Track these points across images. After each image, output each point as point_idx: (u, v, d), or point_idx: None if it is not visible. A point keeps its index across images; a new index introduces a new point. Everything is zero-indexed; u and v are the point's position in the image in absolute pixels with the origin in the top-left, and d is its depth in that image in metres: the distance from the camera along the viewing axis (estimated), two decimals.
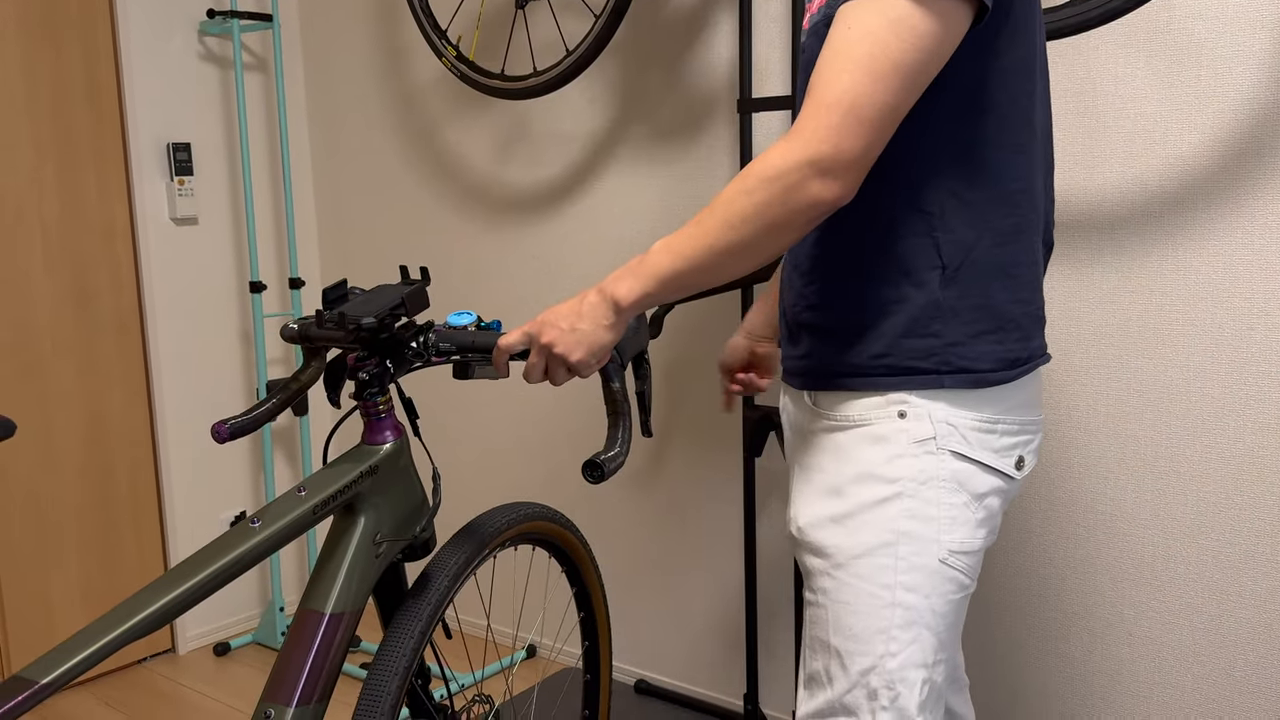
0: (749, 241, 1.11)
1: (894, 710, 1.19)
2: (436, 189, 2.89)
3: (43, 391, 2.69)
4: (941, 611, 1.20)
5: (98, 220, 2.77)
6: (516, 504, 1.66)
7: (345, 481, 1.36)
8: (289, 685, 1.29)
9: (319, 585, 1.35)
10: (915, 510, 1.18)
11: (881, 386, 1.20)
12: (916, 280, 1.18)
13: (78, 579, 2.78)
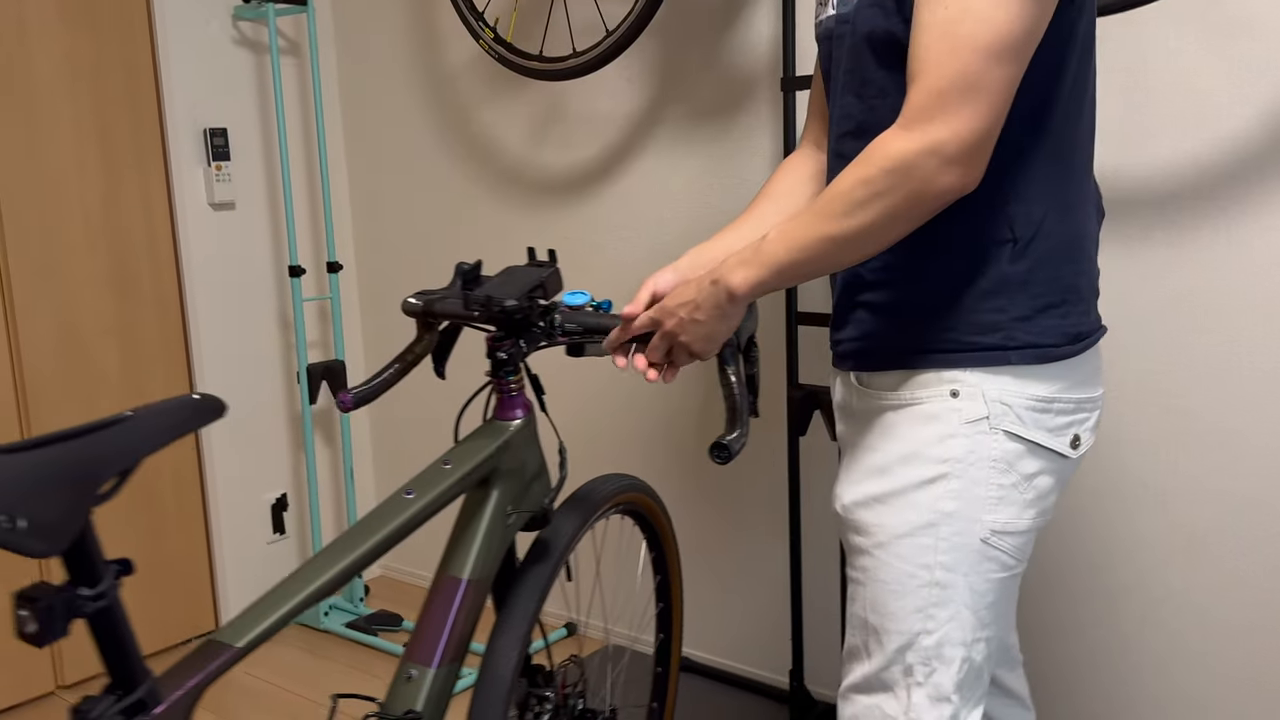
0: (867, 231, 1.10)
1: (929, 687, 1.20)
2: (471, 172, 2.90)
3: (87, 373, 2.71)
4: (981, 591, 1.19)
5: (137, 205, 2.78)
6: (618, 474, 1.73)
7: (484, 455, 1.42)
8: (429, 646, 1.35)
9: (457, 553, 1.41)
10: (960, 491, 1.17)
11: (944, 363, 1.18)
12: (986, 254, 1.17)
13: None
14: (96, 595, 0.95)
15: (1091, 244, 1.22)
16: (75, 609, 0.95)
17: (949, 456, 1.18)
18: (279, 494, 3.12)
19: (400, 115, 3.03)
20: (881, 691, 1.23)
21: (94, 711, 0.99)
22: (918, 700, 1.20)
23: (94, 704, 1.00)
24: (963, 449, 1.17)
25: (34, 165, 2.58)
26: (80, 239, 2.68)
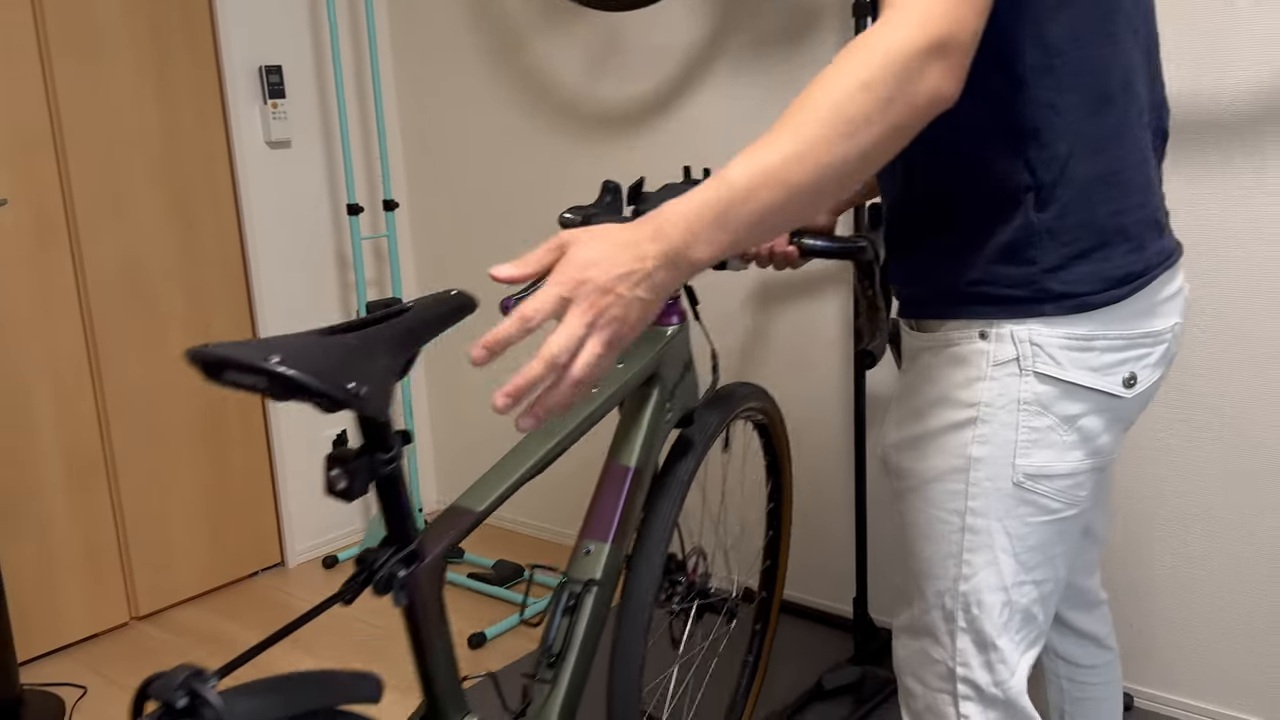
0: (868, 151, 0.91)
1: (972, 632, 1.18)
2: (525, 107, 2.89)
3: (153, 311, 2.75)
4: (1020, 534, 1.15)
5: (196, 144, 2.80)
6: (752, 383, 1.82)
7: (650, 356, 1.55)
8: (603, 525, 1.49)
9: (624, 444, 1.54)
10: (989, 435, 1.13)
11: (974, 315, 1.13)
12: (1010, 202, 1.09)
13: (191, 492, 2.87)
14: (389, 460, 1.09)
15: (1139, 176, 1.11)
16: (374, 470, 1.09)
17: (976, 400, 1.13)
18: (339, 431, 3.16)
19: (452, 51, 3.02)
20: (926, 636, 1.22)
21: (379, 560, 1.14)
22: (963, 646, 1.19)
23: (378, 554, 1.14)
24: (991, 393, 1.12)
25: (96, 103, 2.60)
26: (141, 177, 2.70)
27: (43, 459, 2.59)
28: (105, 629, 2.75)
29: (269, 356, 0.94)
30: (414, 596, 1.17)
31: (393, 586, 1.14)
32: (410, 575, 1.16)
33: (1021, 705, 1.18)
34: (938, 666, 1.21)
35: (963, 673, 1.19)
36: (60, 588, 2.65)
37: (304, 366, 0.95)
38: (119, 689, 2.48)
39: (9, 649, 2.30)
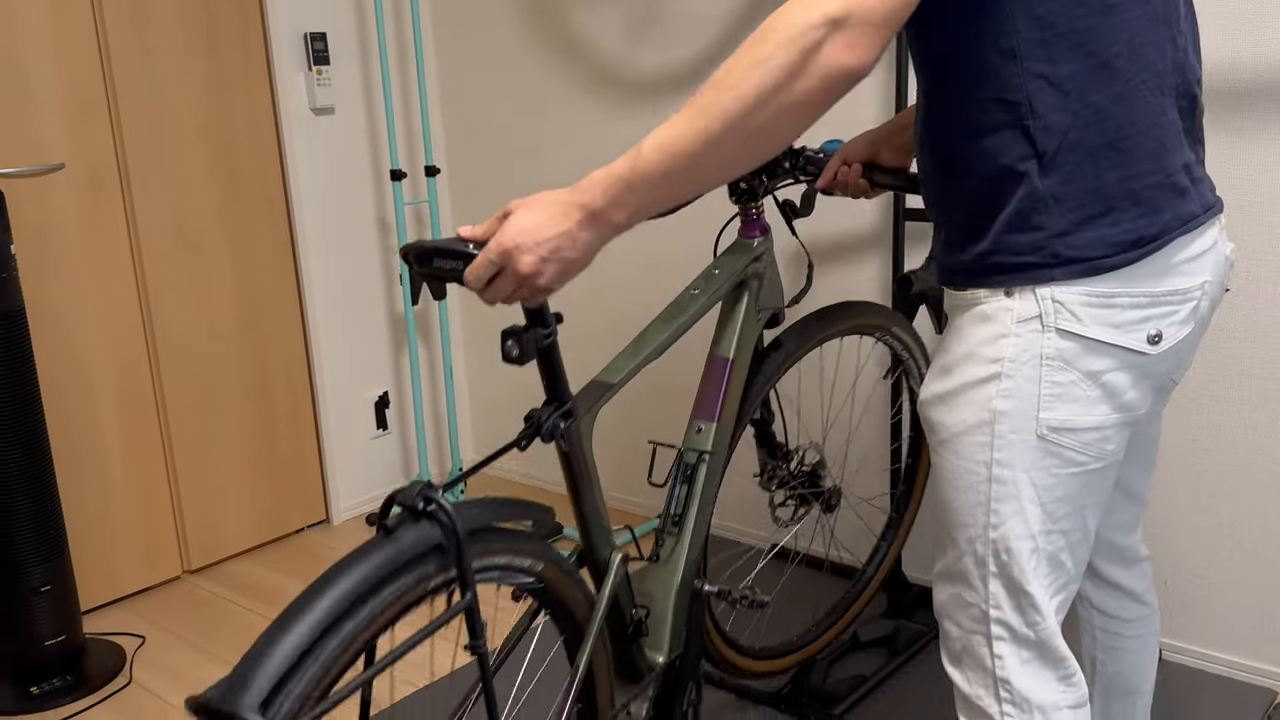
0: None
1: (1003, 578, 1.23)
2: (564, 75, 2.94)
3: (203, 271, 2.82)
4: (1046, 486, 1.20)
5: (243, 110, 2.85)
6: (871, 302, 2.02)
7: (741, 264, 1.80)
8: (709, 407, 1.77)
9: (721, 339, 1.81)
10: (1013, 390, 1.17)
11: (991, 284, 1.18)
12: (1013, 173, 1.14)
13: (239, 450, 2.95)
14: (547, 335, 1.36)
15: (1149, 142, 1.13)
16: (538, 342, 1.35)
17: (1001, 356, 1.17)
18: (381, 392, 3.23)
19: (493, 19, 3.06)
20: (960, 581, 1.27)
21: (543, 415, 1.40)
22: (994, 590, 1.24)
23: (541, 411, 1.41)
24: (1015, 348, 1.17)
25: (147, 67, 2.66)
26: (190, 140, 2.76)
27: (100, 414, 2.67)
28: (159, 582, 2.84)
29: (468, 245, 1.19)
30: (571, 444, 1.44)
31: (555, 435, 1.41)
32: (568, 428, 1.42)
33: (1054, 646, 1.24)
34: (972, 610, 1.26)
35: (996, 615, 1.24)
36: (117, 541, 2.74)
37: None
38: (175, 638, 2.57)
39: (74, 599, 2.39)
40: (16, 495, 2.25)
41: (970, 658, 1.28)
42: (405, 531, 1.16)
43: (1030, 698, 1.24)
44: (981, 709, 1.27)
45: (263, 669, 1.03)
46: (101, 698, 2.34)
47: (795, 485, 2.05)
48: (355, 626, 1.09)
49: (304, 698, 1.04)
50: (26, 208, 2.50)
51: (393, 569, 1.14)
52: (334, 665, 1.07)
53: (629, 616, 1.59)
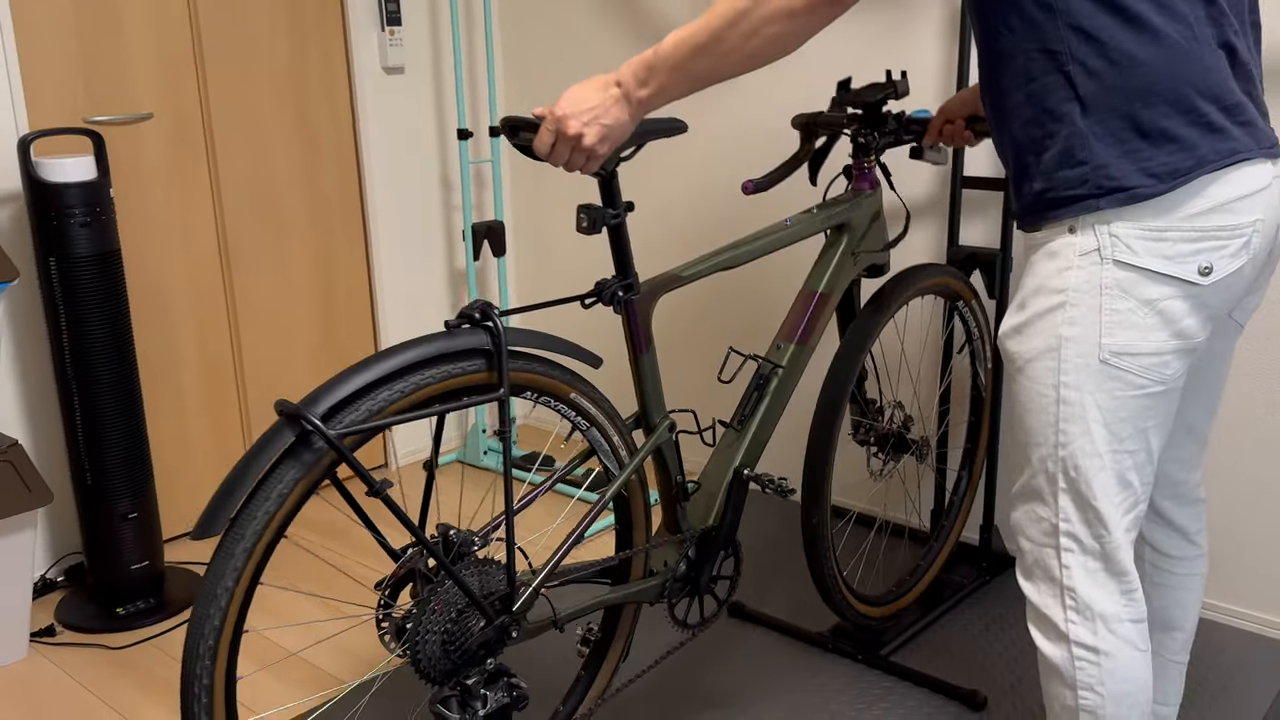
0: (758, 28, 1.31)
1: (1072, 493, 1.35)
2: (628, 42, 3.02)
3: (279, 223, 2.94)
4: (1110, 407, 1.32)
5: (319, 67, 2.96)
6: (941, 264, 2.20)
7: (841, 208, 2.00)
8: (792, 330, 1.97)
9: (816, 274, 2.01)
10: (1076, 317, 1.31)
11: (1051, 219, 1.33)
12: (1058, 115, 1.29)
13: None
14: (615, 215, 1.61)
15: (1182, 84, 1.25)
16: (606, 220, 1.59)
17: (1065, 286, 1.31)
18: None
19: None
20: (1034, 498, 1.40)
21: (608, 287, 1.64)
22: (1064, 504, 1.36)
23: (609, 282, 1.64)
24: (1078, 279, 1.30)
25: (233, 28, 2.77)
26: (270, 97, 2.87)
27: (181, 357, 2.80)
28: None
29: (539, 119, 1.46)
30: (630, 312, 1.67)
31: (615, 302, 1.64)
32: (629, 299, 1.66)
33: (1119, 560, 1.36)
34: (1043, 524, 1.39)
35: (1065, 528, 1.37)
36: (193, 478, 2.88)
37: None
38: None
39: (157, 528, 2.53)
40: (110, 427, 2.39)
41: (1040, 569, 1.40)
42: (462, 333, 1.46)
43: (1093, 606, 1.36)
44: (1048, 617, 1.39)
45: (330, 394, 1.34)
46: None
47: (888, 439, 2.22)
48: (406, 386, 1.40)
49: (354, 423, 1.36)
50: (119, 156, 2.62)
51: (445, 353, 1.43)
52: (386, 407, 1.38)
53: (675, 480, 1.81)
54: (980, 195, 2.44)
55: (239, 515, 1.31)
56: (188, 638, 1.31)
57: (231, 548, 1.30)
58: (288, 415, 1.32)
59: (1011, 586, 2.45)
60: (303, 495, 1.34)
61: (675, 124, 1.66)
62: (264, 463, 1.31)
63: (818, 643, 2.25)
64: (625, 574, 1.79)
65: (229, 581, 1.30)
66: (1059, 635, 1.39)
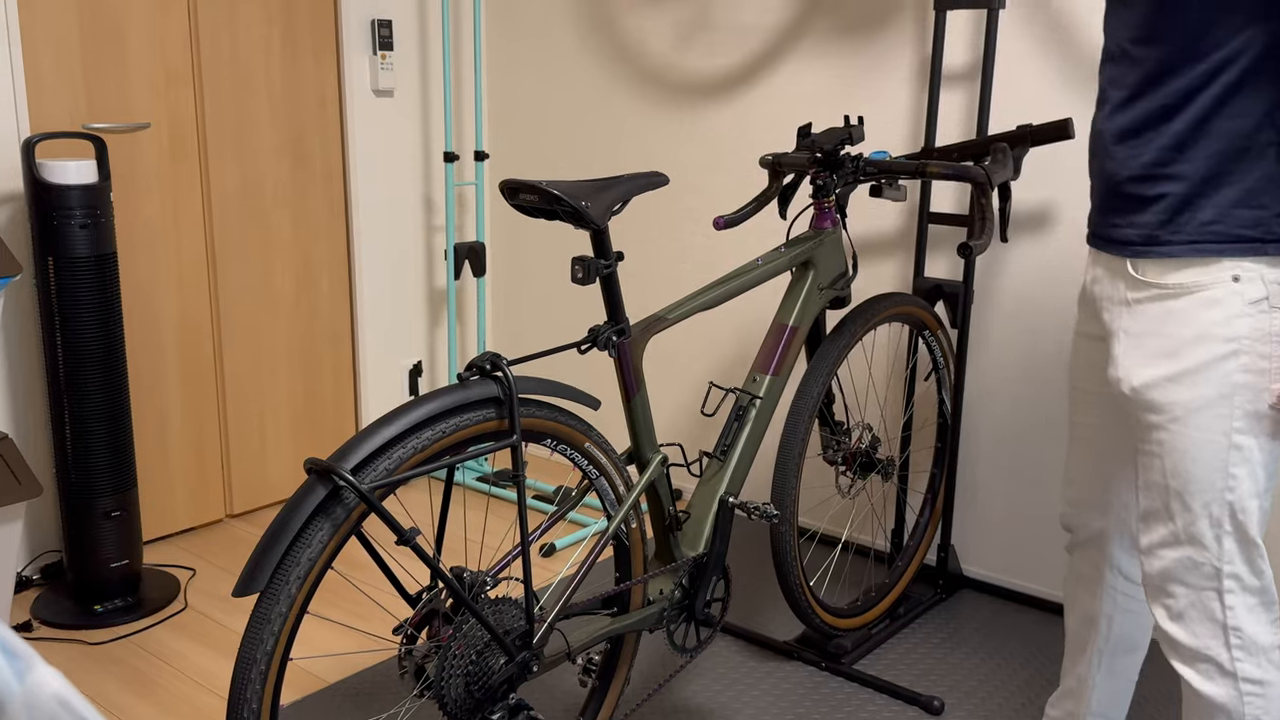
0: None
1: (1237, 534, 1.40)
2: (612, 72, 3.15)
3: (265, 237, 3.01)
4: (1270, 449, 1.38)
5: (313, 87, 3.06)
6: (905, 293, 2.31)
7: (807, 246, 2.14)
8: (767, 362, 2.09)
9: (786, 308, 2.14)
10: (1250, 365, 1.35)
11: (1208, 254, 1.35)
12: (1255, 154, 1.32)
13: (285, 406, 3.14)
14: (608, 265, 1.71)
15: None
16: (599, 270, 1.70)
17: (1237, 335, 1.34)
18: (416, 360, 3.43)
19: (545, 16, 3.27)
20: (1190, 545, 1.42)
21: (602, 332, 1.74)
22: (1228, 546, 1.40)
23: (599, 329, 1.74)
24: (1249, 327, 1.34)
25: (231, 45, 2.86)
26: (264, 114, 2.96)
27: (165, 361, 2.86)
28: (204, 523, 3.02)
29: (543, 182, 1.62)
30: (622, 356, 1.77)
31: (608, 346, 1.74)
32: (621, 342, 1.76)
33: (1273, 592, 1.44)
34: (1203, 568, 1.42)
35: (1229, 570, 1.41)
36: (171, 481, 2.92)
37: (560, 189, 1.64)
38: (224, 572, 2.75)
39: (138, 528, 2.57)
40: (97, 426, 2.44)
41: (1197, 612, 1.44)
42: (475, 384, 1.55)
43: (1257, 640, 1.43)
44: (1211, 657, 1.44)
45: (359, 448, 1.42)
46: (160, 619, 2.52)
47: (856, 458, 2.33)
48: (430, 436, 1.49)
49: (386, 473, 1.44)
50: (115, 163, 2.68)
51: (461, 405, 1.53)
52: (411, 457, 1.47)
53: (667, 511, 1.88)
54: (944, 230, 2.58)
55: (275, 577, 1.37)
56: (229, 707, 1.38)
57: (268, 611, 1.37)
58: (319, 472, 1.39)
59: (966, 603, 2.57)
60: (334, 552, 1.41)
61: (658, 178, 1.78)
62: (300, 519, 1.38)
63: (783, 651, 2.35)
64: (626, 604, 1.87)
65: (268, 645, 1.37)
66: (1224, 674, 1.43)
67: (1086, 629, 1.77)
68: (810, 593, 2.18)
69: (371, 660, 2.34)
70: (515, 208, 1.69)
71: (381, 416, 1.47)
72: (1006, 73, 2.43)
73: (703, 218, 3.04)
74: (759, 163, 2.29)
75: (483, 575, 1.57)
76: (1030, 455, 2.55)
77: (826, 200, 2.18)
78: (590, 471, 1.75)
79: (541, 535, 1.75)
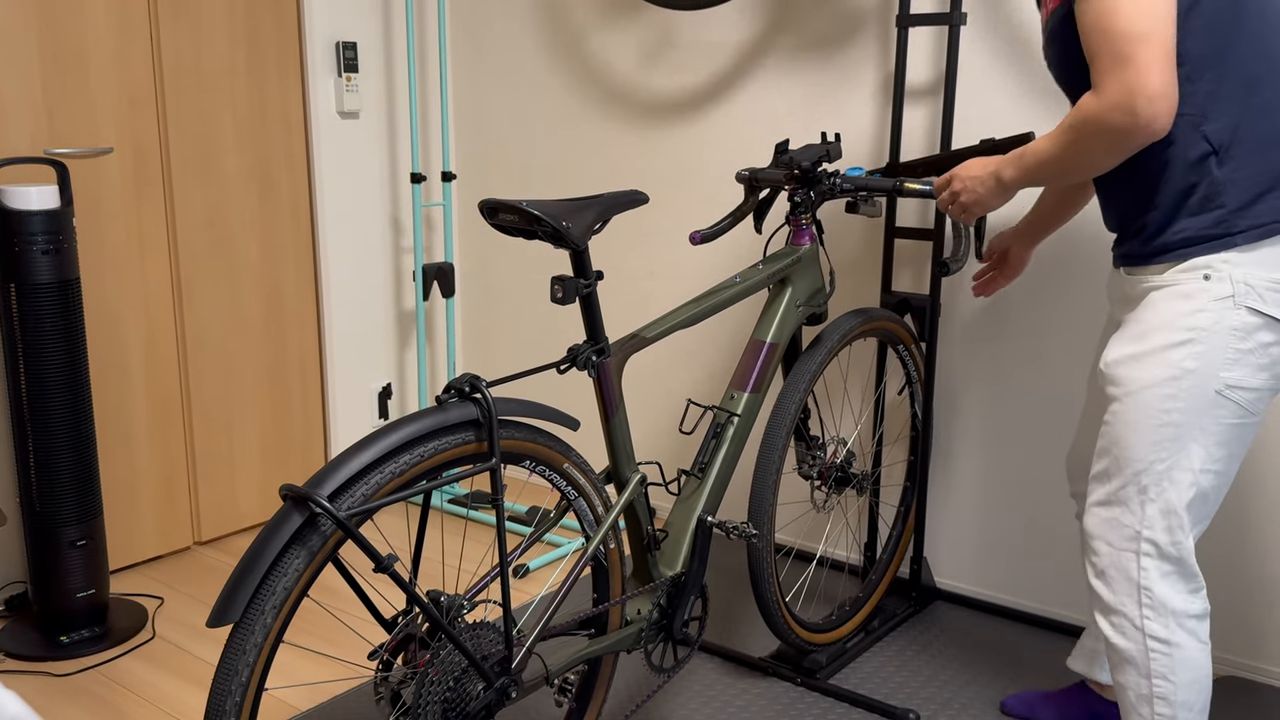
0: (1073, 160, 1.56)
1: (1160, 503, 1.56)
2: (579, 92, 3.16)
3: (232, 260, 2.99)
4: (1210, 430, 1.54)
5: (278, 110, 3.04)
6: (880, 309, 2.32)
7: (784, 263, 2.14)
8: (744, 379, 2.09)
9: (763, 324, 2.14)
10: (1202, 353, 1.52)
11: (1184, 256, 1.54)
12: (1197, 168, 1.52)
13: (253, 432, 3.11)
14: (587, 285, 1.72)
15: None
16: (579, 290, 1.70)
17: (1196, 326, 1.52)
18: (385, 383, 3.41)
19: (510, 36, 3.28)
20: (1118, 505, 1.60)
21: (581, 352, 1.73)
22: (1151, 513, 1.57)
23: (578, 348, 1.73)
24: (1209, 320, 1.51)
25: (194, 68, 2.84)
26: (229, 137, 2.94)
27: (130, 388, 2.82)
28: (171, 550, 2.99)
29: (523, 202, 1.62)
30: (602, 376, 1.77)
31: (588, 366, 1.74)
32: (601, 362, 1.76)
33: (1190, 564, 1.58)
34: (1125, 530, 1.59)
35: (1147, 534, 1.57)
36: (138, 509, 2.88)
37: (541, 208, 1.64)
38: (194, 600, 2.71)
39: (104, 557, 2.53)
40: (63, 453, 2.40)
41: (1116, 571, 1.60)
42: (453, 406, 1.53)
43: (1168, 604, 1.57)
44: (1124, 613, 1.60)
45: (335, 474, 1.40)
46: (128, 649, 2.48)
47: (831, 472, 2.35)
48: (408, 460, 1.47)
49: (364, 499, 1.42)
50: (78, 188, 2.66)
51: (439, 428, 1.50)
52: (388, 482, 1.44)
53: (645, 531, 1.88)
54: (910, 245, 2.60)
55: (250, 607, 1.35)
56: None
57: (243, 642, 1.35)
58: (295, 499, 1.37)
59: (940, 616, 2.58)
60: (310, 580, 1.39)
61: (637, 196, 1.79)
62: (276, 547, 1.35)
63: (759, 667, 2.34)
64: (604, 625, 1.86)
65: (243, 677, 1.35)
66: (1134, 629, 1.59)
67: None
68: (786, 608, 2.18)
69: (347, 688, 2.31)
70: (495, 227, 1.69)
71: (358, 441, 1.45)
72: (969, 87, 2.46)
73: (670, 234, 3.05)
74: (735, 177, 2.32)
75: (459, 599, 1.55)
76: (1001, 467, 2.57)
77: (804, 216, 2.19)
78: (569, 492, 1.74)
79: (519, 557, 1.73)
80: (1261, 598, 2.27)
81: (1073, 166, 1.55)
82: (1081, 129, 1.49)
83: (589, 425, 3.33)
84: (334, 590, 2.76)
